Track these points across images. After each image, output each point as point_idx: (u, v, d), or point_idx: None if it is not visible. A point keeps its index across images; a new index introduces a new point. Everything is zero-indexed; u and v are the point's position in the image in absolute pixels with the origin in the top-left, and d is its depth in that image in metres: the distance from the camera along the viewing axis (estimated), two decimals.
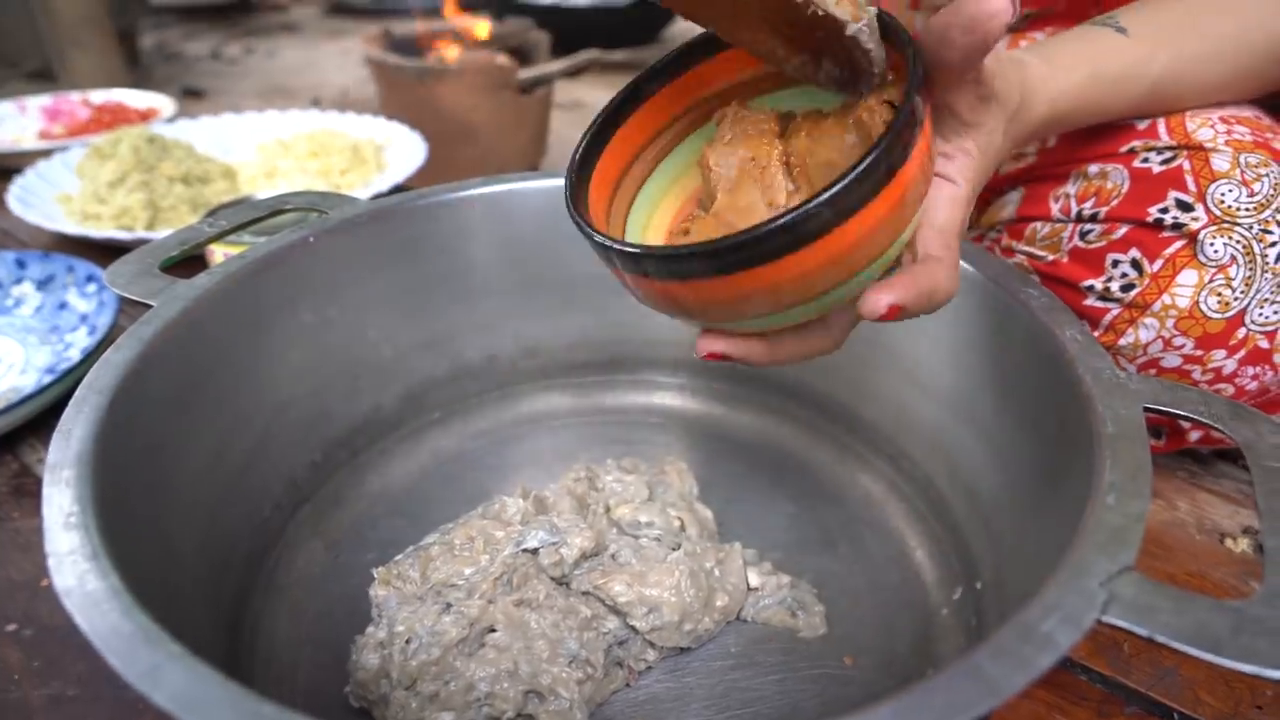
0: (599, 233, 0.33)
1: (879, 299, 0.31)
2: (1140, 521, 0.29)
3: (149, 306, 0.44)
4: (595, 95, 1.73)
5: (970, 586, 0.46)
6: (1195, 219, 0.47)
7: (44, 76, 1.72)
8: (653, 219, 0.40)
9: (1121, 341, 0.50)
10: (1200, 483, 0.59)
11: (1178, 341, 0.48)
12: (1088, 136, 0.52)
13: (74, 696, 0.45)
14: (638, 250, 0.32)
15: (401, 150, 1.10)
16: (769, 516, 0.54)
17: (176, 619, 0.28)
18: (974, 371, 0.47)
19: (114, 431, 0.36)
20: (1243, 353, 0.48)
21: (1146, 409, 0.35)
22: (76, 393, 0.37)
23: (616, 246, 0.32)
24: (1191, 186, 0.47)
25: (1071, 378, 0.38)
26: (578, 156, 0.37)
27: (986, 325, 0.46)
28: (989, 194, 0.59)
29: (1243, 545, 0.54)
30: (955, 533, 0.48)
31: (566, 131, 1.51)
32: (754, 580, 0.47)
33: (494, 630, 0.43)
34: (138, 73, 1.81)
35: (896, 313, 0.31)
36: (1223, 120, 0.49)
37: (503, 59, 1.27)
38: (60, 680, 0.46)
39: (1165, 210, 0.47)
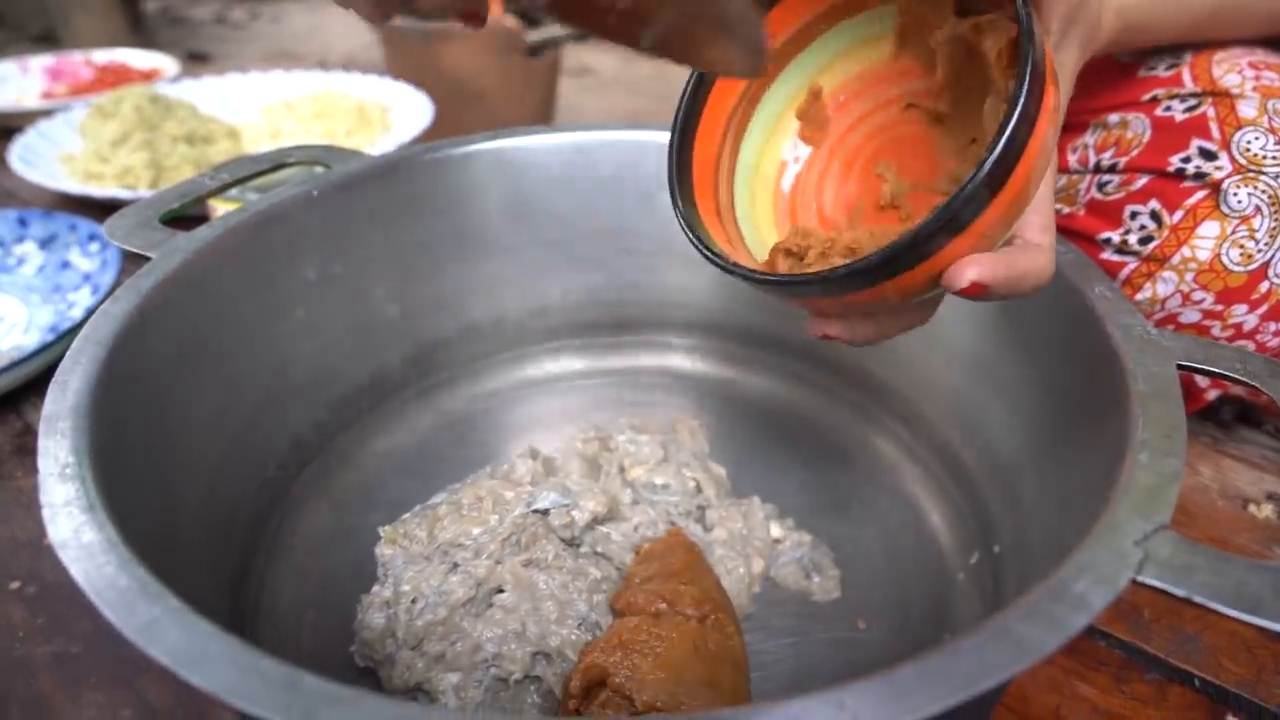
0: (740, 266, 0.33)
1: (964, 272, 0.28)
2: (1175, 480, 0.28)
3: (149, 261, 0.43)
4: (604, 60, 1.70)
5: (988, 551, 0.45)
6: (1219, 168, 0.45)
7: (48, 40, 1.70)
8: (756, 204, 0.40)
9: (1139, 296, 0.48)
10: (1223, 448, 0.58)
11: (1197, 296, 0.47)
12: (1108, 85, 0.50)
13: (78, 654, 0.45)
14: (789, 280, 0.31)
15: (407, 112, 1.09)
16: (780, 480, 0.53)
17: (178, 576, 0.27)
18: (994, 330, 0.46)
19: (112, 383, 0.35)
20: (1265, 307, 0.47)
21: (1180, 366, 0.34)
22: (73, 344, 0.36)
23: (775, 279, 0.32)
24: (1216, 134, 0.45)
25: (1100, 335, 0.36)
26: (673, 162, 0.37)
27: None
28: None
29: (1266, 511, 0.53)
30: (972, 496, 0.47)
31: (575, 97, 1.48)
32: (775, 532, 0.46)
33: (502, 591, 0.42)
34: (141, 37, 1.78)
35: (979, 290, 0.29)
36: (1251, 65, 0.47)
37: (510, 21, 1.25)
38: (64, 637, 0.46)
39: (1187, 159, 0.46)
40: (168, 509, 0.37)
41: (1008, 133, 0.27)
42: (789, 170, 0.39)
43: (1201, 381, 0.53)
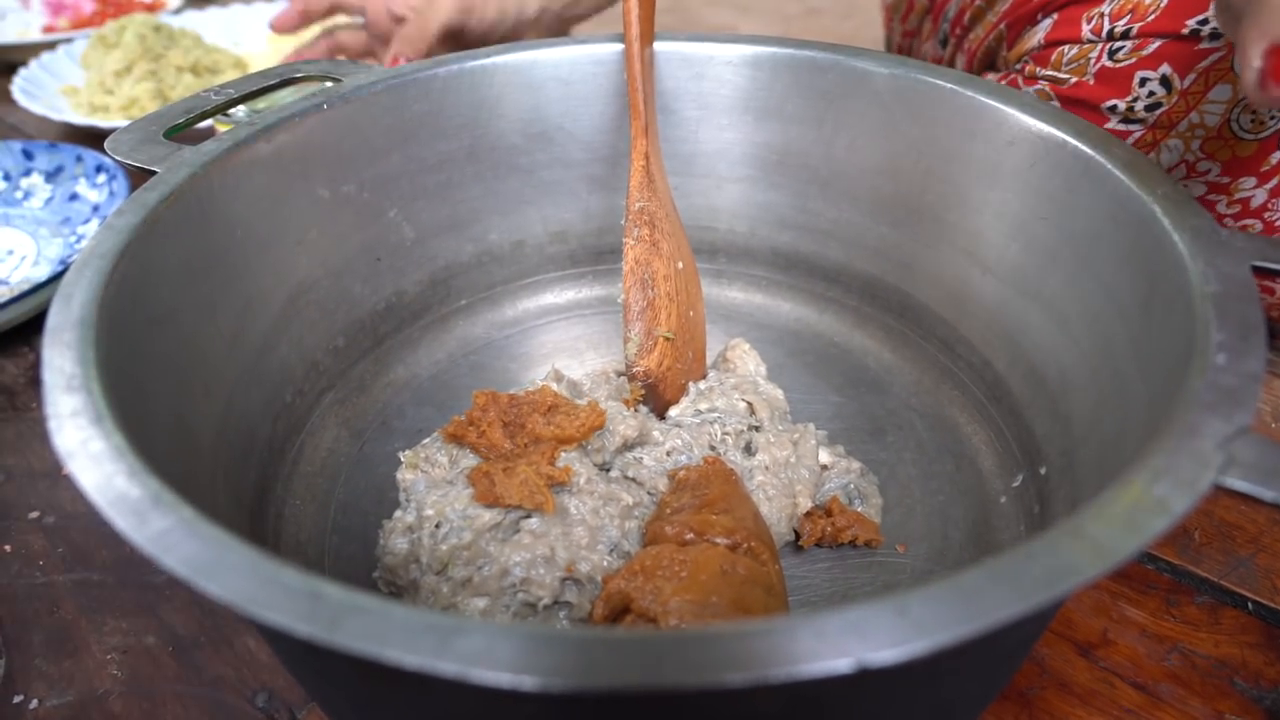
0: None
1: None
2: (1256, 381, 0.26)
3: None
4: None
5: (1033, 473, 0.43)
6: None
7: None
8: None
9: None
10: (1276, 370, 0.55)
11: (1202, 166, 0.44)
12: None
13: (99, 582, 0.44)
14: None
15: None
16: (812, 406, 0.51)
17: (195, 498, 0.25)
18: (1042, 242, 0.43)
19: (119, 297, 0.33)
20: (1274, 182, 0.44)
21: (1254, 267, 0.32)
22: (78, 257, 0.34)
23: None
24: None
25: (1164, 238, 0.34)
26: None
27: (1058, 191, 0.42)
28: (1020, 24, 0.54)
29: None
30: (1015, 417, 0.45)
31: (592, 30, 1.44)
32: (824, 458, 0.44)
33: (529, 516, 0.40)
34: None
35: None
36: None
37: None
38: (85, 566, 0.45)
39: (1204, 21, 0.43)
40: (183, 431, 0.36)
41: None
42: None
43: None
